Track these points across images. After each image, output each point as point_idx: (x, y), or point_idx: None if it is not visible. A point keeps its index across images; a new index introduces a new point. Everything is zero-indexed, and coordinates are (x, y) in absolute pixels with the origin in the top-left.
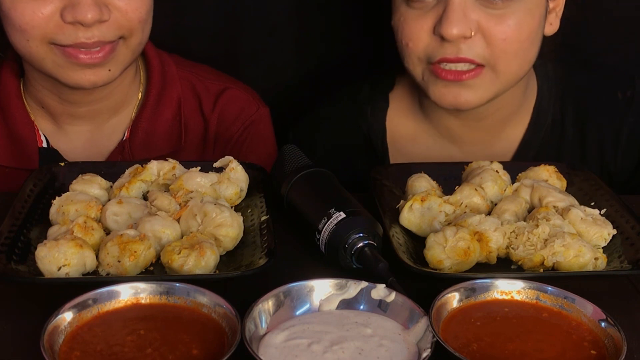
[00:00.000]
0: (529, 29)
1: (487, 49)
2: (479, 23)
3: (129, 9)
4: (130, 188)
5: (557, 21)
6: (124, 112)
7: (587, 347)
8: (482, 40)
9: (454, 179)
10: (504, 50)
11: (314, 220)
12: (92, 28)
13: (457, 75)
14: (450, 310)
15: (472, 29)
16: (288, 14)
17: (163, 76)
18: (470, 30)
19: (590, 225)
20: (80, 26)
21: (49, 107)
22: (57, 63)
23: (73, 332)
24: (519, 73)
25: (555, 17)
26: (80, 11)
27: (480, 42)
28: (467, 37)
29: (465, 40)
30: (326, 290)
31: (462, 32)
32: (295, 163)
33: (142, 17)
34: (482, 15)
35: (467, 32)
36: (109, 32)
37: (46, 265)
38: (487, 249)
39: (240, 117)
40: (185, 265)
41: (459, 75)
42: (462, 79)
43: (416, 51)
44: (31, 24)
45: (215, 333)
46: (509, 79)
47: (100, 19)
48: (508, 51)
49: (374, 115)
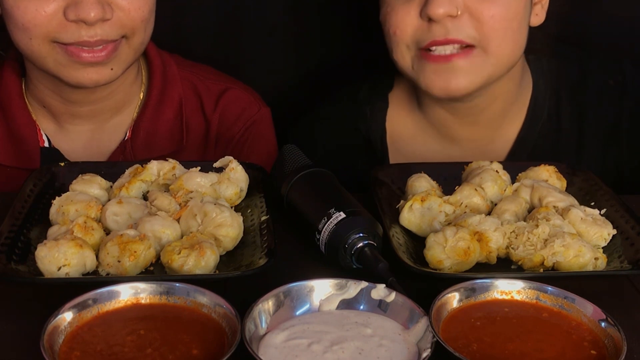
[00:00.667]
0: (515, 9)
1: (476, 29)
2: (465, 2)
3: (131, 8)
4: (130, 188)
5: (543, 13)
6: (126, 111)
7: (587, 347)
8: (470, 20)
9: (454, 179)
10: (493, 28)
11: (314, 220)
12: (94, 26)
13: (446, 58)
14: (450, 310)
15: (458, 7)
16: (288, 14)
17: (164, 76)
18: (456, 8)
19: (590, 225)
20: (83, 24)
21: (51, 107)
22: (59, 62)
23: (73, 332)
24: (510, 56)
25: (541, 9)
26: (83, 9)
27: (468, 22)
28: (453, 15)
29: (453, 20)
30: (326, 290)
31: (448, 10)
32: (295, 163)
33: (144, 16)
34: None
35: (452, 11)
36: (112, 31)
37: (46, 265)
38: (487, 249)
39: (241, 118)
40: (185, 265)
41: (448, 58)
42: (451, 59)
43: (404, 38)
44: (34, 22)
45: (215, 333)
46: (500, 62)
47: (103, 17)
48: (497, 29)
49: (373, 115)
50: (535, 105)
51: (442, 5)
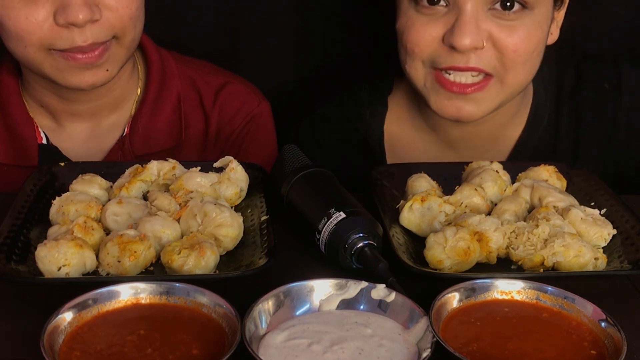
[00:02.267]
0: (537, 41)
1: (496, 59)
2: (490, 33)
3: (119, 7)
4: (130, 188)
5: (557, 30)
6: (124, 108)
7: (587, 347)
8: (493, 50)
9: (454, 179)
10: (513, 60)
11: (314, 220)
12: (85, 29)
13: (462, 88)
14: (450, 310)
15: (484, 39)
16: (288, 14)
17: (162, 71)
18: (482, 41)
19: (590, 225)
20: (74, 28)
21: (48, 106)
22: (55, 67)
23: (73, 332)
24: (523, 84)
25: (555, 27)
26: (72, 12)
27: (490, 52)
28: (479, 48)
29: (476, 51)
30: (326, 290)
31: (475, 43)
32: (295, 163)
33: (132, 14)
34: (493, 26)
35: (479, 44)
36: (102, 32)
37: (46, 265)
38: (487, 249)
39: (241, 112)
40: (185, 265)
41: (463, 88)
42: (467, 92)
43: (421, 56)
44: (26, 30)
45: (215, 333)
46: (513, 90)
47: (91, 18)
48: (517, 62)
49: (372, 118)
50: (536, 113)
51: (469, 36)
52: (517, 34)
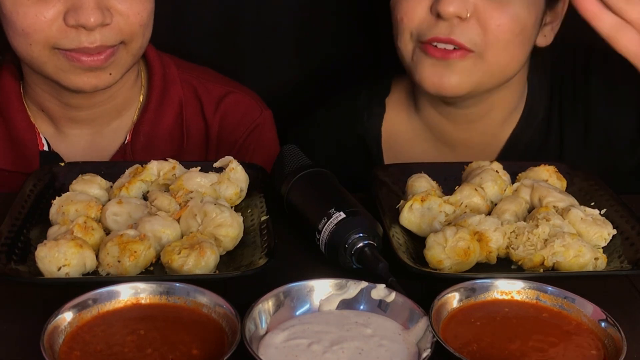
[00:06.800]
0: (523, 23)
1: (479, 35)
2: (476, 6)
3: (130, 13)
4: (130, 188)
5: (552, 36)
6: (126, 115)
7: (587, 347)
8: (476, 25)
9: (454, 179)
10: (496, 37)
11: (314, 220)
12: (94, 32)
13: (445, 53)
14: (450, 310)
15: (468, 9)
16: (288, 14)
17: (164, 79)
18: (466, 10)
19: (590, 225)
20: (83, 30)
21: (49, 111)
22: (59, 67)
23: (73, 332)
24: (504, 69)
25: (550, 31)
26: (83, 15)
27: (474, 27)
28: (462, 17)
29: (460, 23)
30: (326, 290)
31: (459, 10)
32: (295, 163)
33: (143, 21)
34: (480, 1)
35: (462, 12)
36: (111, 37)
37: (46, 265)
38: (487, 249)
39: (243, 122)
40: (185, 265)
41: (447, 54)
42: (450, 57)
43: (410, 26)
44: (34, 28)
45: (215, 333)
46: (492, 71)
47: (102, 22)
48: (500, 39)
49: (370, 120)
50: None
51: (453, 3)
52: (504, 10)
